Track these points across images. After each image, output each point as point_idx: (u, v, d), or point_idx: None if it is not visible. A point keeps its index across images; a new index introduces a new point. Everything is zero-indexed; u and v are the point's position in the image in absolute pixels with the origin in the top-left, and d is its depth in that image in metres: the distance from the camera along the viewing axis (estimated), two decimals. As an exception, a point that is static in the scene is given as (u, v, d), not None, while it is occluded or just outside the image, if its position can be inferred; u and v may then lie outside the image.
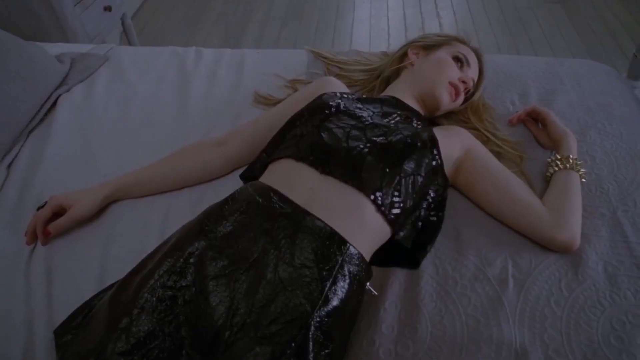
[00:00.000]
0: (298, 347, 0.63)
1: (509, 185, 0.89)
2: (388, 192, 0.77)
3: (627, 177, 0.95)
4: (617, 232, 0.86)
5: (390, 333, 0.76)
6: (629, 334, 0.72)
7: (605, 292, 0.78)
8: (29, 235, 0.86)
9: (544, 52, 2.43)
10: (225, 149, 0.99)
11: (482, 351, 0.72)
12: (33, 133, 1.07)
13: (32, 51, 1.15)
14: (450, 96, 1.00)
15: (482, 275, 0.81)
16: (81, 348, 0.66)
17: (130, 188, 0.93)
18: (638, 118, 1.11)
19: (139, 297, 0.66)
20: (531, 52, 2.42)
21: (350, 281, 0.70)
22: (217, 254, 0.68)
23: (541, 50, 2.44)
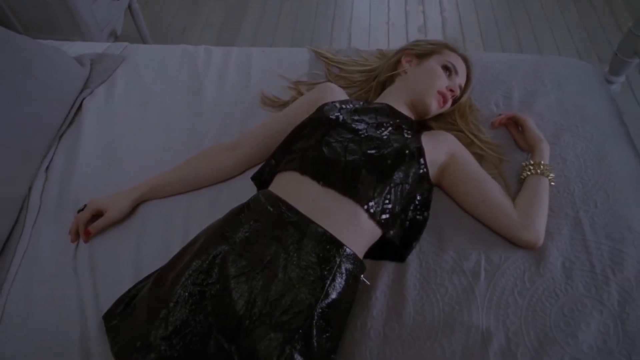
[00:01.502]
0: (304, 332, 0.78)
1: (486, 188, 1.02)
2: (379, 201, 0.90)
3: (591, 179, 1.08)
4: (577, 230, 1.00)
5: (379, 317, 0.91)
6: (576, 319, 0.87)
7: (561, 284, 0.92)
8: (72, 234, 1.00)
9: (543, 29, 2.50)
10: (237, 153, 1.11)
11: (455, 334, 0.88)
12: (64, 137, 1.19)
13: (57, 58, 1.24)
14: (439, 104, 1.11)
15: (458, 268, 0.96)
16: (129, 333, 0.82)
17: (156, 191, 1.07)
18: (609, 120, 1.22)
19: (173, 292, 0.81)
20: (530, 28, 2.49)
21: (347, 277, 0.85)
22: (237, 257, 0.82)
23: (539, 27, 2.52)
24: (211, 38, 2.67)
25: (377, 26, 2.79)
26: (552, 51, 2.52)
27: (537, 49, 2.54)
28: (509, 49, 2.55)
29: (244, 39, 2.68)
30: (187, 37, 2.66)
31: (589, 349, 0.84)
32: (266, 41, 2.67)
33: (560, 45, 2.56)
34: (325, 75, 1.36)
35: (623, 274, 0.93)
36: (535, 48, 2.54)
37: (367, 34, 2.75)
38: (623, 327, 0.86)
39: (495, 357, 0.84)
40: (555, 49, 2.53)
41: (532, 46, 2.56)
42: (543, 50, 2.52)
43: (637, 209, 1.03)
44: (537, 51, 2.53)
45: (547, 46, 2.55)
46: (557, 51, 2.52)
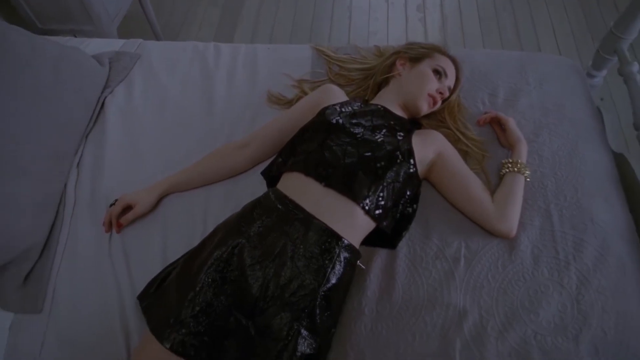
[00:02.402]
0: (309, 311, 0.94)
1: (468, 185, 1.15)
2: (373, 199, 1.04)
3: (564, 175, 1.22)
4: (547, 222, 1.14)
5: (373, 296, 1.07)
6: (538, 299, 1.03)
7: (528, 269, 1.08)
8: (106, 225, 1.15)
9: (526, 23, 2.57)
10: (247, 151, 1.24)
11: (436, 310, 1.03)
12: (90, 135, 1.32)
13: (80, 59, 1.35)
14: (429, 105, 1.23)
15: (441, 254, 1.11)
16: (162, 312, 0.97)
17: (177, 186, 1.21)
18: (585, 119, 1.34)
19: (198, 279, 0.96)
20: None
21: (345, 264, 1.00)
22: (252, 248, 0.97)
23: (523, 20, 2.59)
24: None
25: (377, 7, 2.85)
26: (548, 33, 2.60)
27: (531, 24, 2.62)
28: (505, 27, 2.63)
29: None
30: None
31: (548, 324, 1.00)
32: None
33: (557, 29, 2.63)
34: (326, 73, 1.46)
35: (582, 260, 1.08)
36: (530, 23, 2.62)
37: (367, 13, 2.82)
38: (578, 307, 1.02)
39: (469, 330, 1.00)
40: (552, 32, 2.60)
41: (527, 20, 2.64)
42: (539, 33, 2.60)
43: (601, 202, 1.17)
44: (532, 28, 2.61)
45: (543, 27, 2.63)
46: (553, 34, 2.59)
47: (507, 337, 0.99)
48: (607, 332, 0.99)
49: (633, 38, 1.42)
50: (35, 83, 1.18)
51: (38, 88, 1.18)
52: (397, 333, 1.02)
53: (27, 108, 1.15)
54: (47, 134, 1.17)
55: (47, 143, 1.16)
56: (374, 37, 2.71)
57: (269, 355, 0.90)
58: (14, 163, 1.08)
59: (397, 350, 1.00)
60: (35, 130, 1.15)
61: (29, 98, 1.16)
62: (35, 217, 1.10)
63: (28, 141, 1.13)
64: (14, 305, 1.04)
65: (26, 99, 1.15)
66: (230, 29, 2.74)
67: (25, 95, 1.15)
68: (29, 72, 1.18)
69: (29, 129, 1.13)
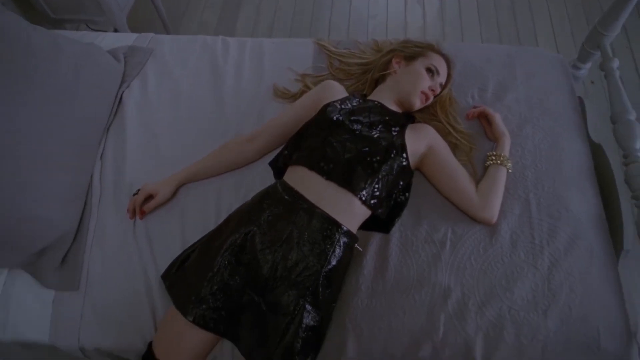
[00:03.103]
0: (313, 289, 1.08)
1: (455, 176, 1.27)
2: (370, 190, 1.16)
3: (543, 166, 1.34)
4: (526, 210, 1.27)
5: (369, 275, 1.21)
6: (514, 279, 1.17)
7: (507, 252, 1.21)
8: (130, 213, 1.28)
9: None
10: (255, 144, 1.36)
11: (424, 289, 1.17)
12: (111, 128, 1.43)
13: (98, 56, 1.45)
14: (422, 101, 1.34)
15: (430, 239, 1.24)
16: (184, 290, 1.11)
17: (193, 176, 1.33)
18: (567, 113, 1.44)
19: (216, 261, 1.10)
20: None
21: (344, 248, 1.13)
22: (262, 235, 1.10)
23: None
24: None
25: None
26: (544, 17, 2.66)
27: (528, 8, 2.68)
28: (503, 16, 2.69)
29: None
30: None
31: (521, 301, 1.15)
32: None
33: (553, 15, 2.68)
34: (328, 67, 1.56)
35: (555, 245, 1.21)
36: (527, 7, 2.68)
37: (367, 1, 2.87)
38: (548, 286, 1.16)
39: (452, 306, 1.15)
40: (548, 17, 2.66)
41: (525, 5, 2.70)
42: (535, 18, 2.66)
43: (576, 192, 1.30)
44: (529, 11, 2.67)
45: (540, 12, 2.69)
46: (549, 19, 2.66)
47: (485, 312, 1.14)
48: (572, 308, 1.14)
49: (615, 35, 1.51)
50: (59, 82, 1.29)
51: (62, 86, 1.29)
52: (389, 308, 1.16)
53: (53, 106, 1.25)
54: (73, 129, 1.28)
55: (73, 138, 1.28)
56: (373, 20, 2.77)
57: (279, 327, 1.05)
58: (45, 158, 1.20)
59: (389, 323, 1.14)
60: (62, 126, 1.26)
61: (54, 96, 1.26)
62: (67, 206, 1.23)
63: (56, 137, 1.24)
64: (54, 284, 1.18)
65: (51, 98, 1.26)
66: (234, 7, 2.79)
67: (51, 94, 1.26)
68: (53, 71, 1.29)
69: (56, 126, 1.25)
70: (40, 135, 1.19)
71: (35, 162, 1.17)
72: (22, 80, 1.21)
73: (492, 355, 1.11)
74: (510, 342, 1.12)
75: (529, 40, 2.61)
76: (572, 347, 1.11)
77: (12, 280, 1.20)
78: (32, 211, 1.13)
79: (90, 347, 1.17)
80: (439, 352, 1.12)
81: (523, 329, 1.12)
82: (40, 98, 1.23)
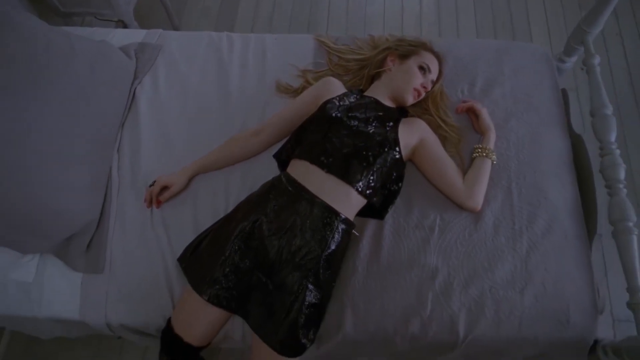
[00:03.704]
0: (314, 271, 1.21)
1: (444, 168, 1.39)
2: (365, 182, 1.28)
3: (525, 158, 1.45)
4: (508, 198, 1.39)
5: (365, 258, 1.34)
6: (495, 261, 1.30)
7: (489, 237, 1.34)
8: (147, 202, 1.40)
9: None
10: (260, 138, 1.47)
11: (414, 270, 1.31)
12: (125, 124, 1.54)
13: (110, 54, 1.54)
14: (414, 98, 1.45)
15: (420, 224, 1.37)
16: (199, 272, 1.24)
17: (203, 168, 1.45)
18: (550, 108, 1.55)
19: (227, 246, 1.22)
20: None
21: (342, 234, 1.26)
22: (269, 223, 1.23)
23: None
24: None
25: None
26: (539, 7, 2.72)
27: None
28: (498, 2, 2.76)
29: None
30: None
31: (501, 280, 1.28)
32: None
33: (547, 5, 2.74)
34: (327, 63, 1.66)
35: (534, 230, 1.34)
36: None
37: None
38: (526, 267, 1.30)
39: (439, 285, 1.28)
40: (543, 7, 2.72)
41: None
42: (530, 7, 2.72)
43: (555, 182, 1.42)
44: (524, 3, 2.74)
45: (534, 4, 2.75)
46: (544, 9, 2.72)
47: (468, 290, 1.28)
48: (546, 287, 1.28)
49: (597, 32, 1.60)
50: (77, 81, 1.38)
51: (79, 85, 1.38)
52: (383, 287, 1.29)
53: (73, 105, 1.35)
54: (92, 126, 1.39)
55: (92, 134, 1.38)
56: (371, 7, 2.84)
57: (284, 305, 1.18)
58: (68, 154, 1.30)
59: (382, 301, 1.28)
60: (82, 123, 1.37)
61: (73, 96, 1.36)
62: (90, 197, 1.35)
63: (77, 134, 1.34)
64: (81, 267, 1.31)
65: (71, 97, 1.35)
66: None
67: (70, 93, 1.35)
68: (71, 71, 1.38)
69: (77, 123, 1.35)
70: (63, 135, 1.30)
71: (60, 160, 1.28)
72: (42, 80, 1.30)
73: (473, 328, 1.25)
74: (490, 317, 1.25)
75: (522, 27, 2.68)
76: (544, 321, 1.25)
77: (44, 264, 1.33)
78: (59, 204, 1.25)
79: (115, 323, 1.31)
80: (426, 326, 1.26)
81: (502, 306, 1.26)
82: (60, 98, 1.32)
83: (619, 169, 1.38)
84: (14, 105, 1.20)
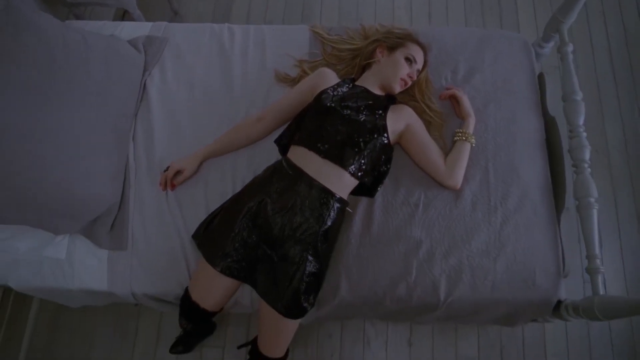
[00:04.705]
0: (313, 244, 1.38)
1: (428, 151, 1.54)
2: (357, 165, 1.43)
3: (502, 140, 1.61)
4: (485, 177, 1.56)
5: (357, 231, 1.51)
6: (472, 233, 1.48)
7: (468, 212, 1.51)
8: (162, 186, 1.56)
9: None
10: (262, 124, 1.62)
11: (401, 242, 1.48)
12: (138, 114, 1.68)
13: (121, 49, 1.66)
14: (401, 87, 1.59)
15: (406, 201, 1.53)
16: (212, 247, 1.41)
17: (212, 153, 1.60)
18: (527, 93, 1.69)
19: (236, 224, 1.39)
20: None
21: (337, 211, 1.42)
22: (273, 203, 1.39)
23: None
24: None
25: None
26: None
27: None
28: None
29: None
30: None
31: (477, 250, 1.46)
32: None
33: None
34: (321, 53, 1.79)
35: (507, 206, 1.51)
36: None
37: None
38: (499, 238, 1.47)
39: (423, 255, 1.46)
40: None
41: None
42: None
43: (527, 162, 1.58)
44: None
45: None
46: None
47: (448, 259, 1.46)
48: (516, 256, 1.46)
49: (571, 21, 1.73)
50: (94, 77, 1.51)
51: (96, 81, 1.51)
52: (374, 257, 1.47)
53: (92, 99, 1.49)
54: (110, 118, 1.53)
55: (110, 126, 1.52)
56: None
57: (287, 274, 1.36)
58: (90, 144, 1.45)
59: (373, 269, 1.46)
60: (102, 116, 1.51)
61: (91, 91, 1.49)
62: (112, 183, 1.50)
63: (95, 125, 1.48)
64: (106, 245, 1.48)
65: (90, 92, 1.48)
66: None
67: (88, 89, 1.48)
68: (88, 68, 1.50)
69: (98, 117, 1.49)
70: (87, 128, 1.44)
71: (86, 151, 1.43)
72: (62, 79, 1.42)
73: (452, 292, 1.44)
74: (467, 282, 1.44)
75: (510, 10, 2.76)
76: (514, 285, 1.44)
77: (73, 243, 1.50)
78: (87, 190, 1.40)
79: (139, 293, 1.49)
80: (412, 290, 1.45)
81: (477, 272, 1.44)
82: (80, 94, 1.45)
83: (584, 150, 1.53)
84: (41, 105, 1.33)
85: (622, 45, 2.65)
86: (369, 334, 2.00)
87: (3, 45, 1.30)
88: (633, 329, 2.03)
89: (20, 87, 1.29)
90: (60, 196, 1.35)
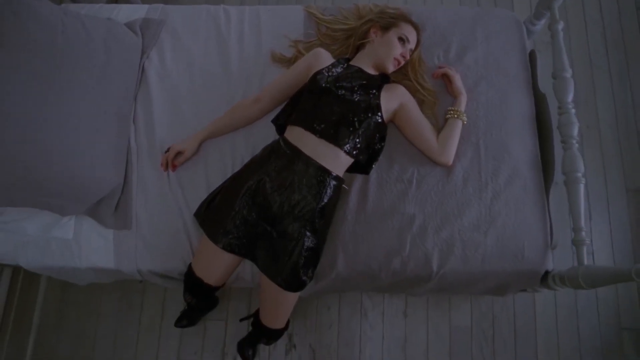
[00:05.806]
0: (311, 221, 1.44)
1: (421, 129, 1.59)
2: (352, 144, 1.48)
3: (493, 117, 1.65)
4: (476, 153, 1.61)
5: (353, 207, 1.56)
6: (464, 208, 1.53)
7: (459, 188, 1.56)
8: (163, 167, 1.61)
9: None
10: (259, 105, 1.66)
11: (395, 217, 1.54)
12: (137, 97, 1.71)
13: (119, 33, 1.68)
14: (394, 66, 1.62)
15: (400, 178, 1.59)
16: (213, 225, 1.47)
17: (211, 134, 1.65)
18: (518, 71, 1.73)
19: (236, 203, 1.45)
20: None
21: (334, 189, 1.48)
22: (271, 181, 1.44)
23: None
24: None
25: None
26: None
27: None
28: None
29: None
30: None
31: (468, 224, 1.52)
32: None
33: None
34: (316, 33, 1.81)
35: (497, 182, 1.57)
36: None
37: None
38: (489, 213, 1.53)
39: (416, 229, 1.52)
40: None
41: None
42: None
43: (517, 139, 1.63)
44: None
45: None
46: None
47: (440, 233, 1.52)
48: (506, 229, 1.52)
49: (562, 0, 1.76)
50: (95, 61, 1.54)
51: (97, 65, 1.54)
52: (369, 232, 1.53)
53: (91, 82, 1.52)
54: (111, 102, 1.56)
55: (112, 109, 1.56)
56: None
57: (286, 249, 1.42)
58: (92, 128, 1.49)
59: (369, 244, 1.52)
60: (104, 100, 1.54)
61: (92, 75, 1.52)
62: (115, 165, 1.55)
63: (97, 109, 1.52)
64: (112, 225, 1.54)
65: (91, 77, 1.51)
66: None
67: (90, 74, 1.51)
68: (88, 53, 1.52)
69: (96, 100, 1.52)
70: (87, 112, 1.47)
71: (91, 135, 1.47)
72: (64, 64, 1.45)
73: (444, 264, 1.51)
74: (458, 255, 1.51)
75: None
76: (503, 257, 1.51)
77: (80, 224, 1.55)
78: (92, 173, 1.45)
79: (144, 270, 1.55)
80: (406, 263, 1.51)
81: (468, 245, 1.51)
82: (82, 79, 1.48)
83: (573, 127, 1.58)
84: (44, 90, 1.37)
85: (615, 21, 2.67)
86: (366, 305, 2.08)
87: (3, 32, 1.33)
88: (618, 299, 2.11)
89: (23, 74, 1.33)
90: (65, 179, 1.40)
